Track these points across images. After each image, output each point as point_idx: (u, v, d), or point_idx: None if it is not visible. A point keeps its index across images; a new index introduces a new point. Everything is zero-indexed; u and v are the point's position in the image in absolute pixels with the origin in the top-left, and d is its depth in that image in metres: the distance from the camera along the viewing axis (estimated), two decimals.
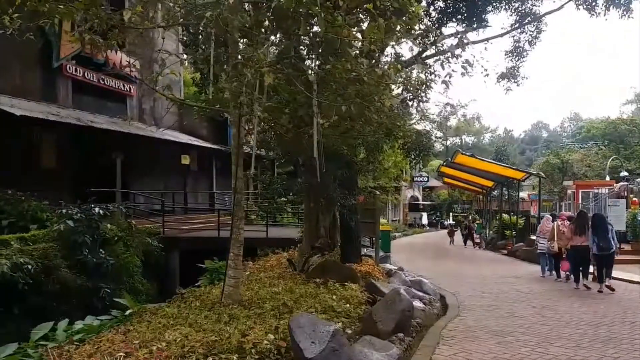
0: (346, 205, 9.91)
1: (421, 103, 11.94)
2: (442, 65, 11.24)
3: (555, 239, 11.97)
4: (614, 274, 11.93)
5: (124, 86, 17.93)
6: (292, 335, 4.26)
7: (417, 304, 7.74)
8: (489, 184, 25.26)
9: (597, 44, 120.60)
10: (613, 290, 10.20)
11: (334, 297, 6.87)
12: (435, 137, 74.86)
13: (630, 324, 7.20)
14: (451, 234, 28.93)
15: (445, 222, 49.01)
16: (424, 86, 11.33)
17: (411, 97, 11.50)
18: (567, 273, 11.78)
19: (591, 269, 11.17)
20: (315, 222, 13.22)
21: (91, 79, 16.44)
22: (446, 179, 33.70)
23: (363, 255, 12.81)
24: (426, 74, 11.89)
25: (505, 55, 16.10)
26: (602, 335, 6.54)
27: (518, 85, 16.43)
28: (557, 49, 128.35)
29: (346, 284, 7.89)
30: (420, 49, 13.31)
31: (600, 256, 10.49)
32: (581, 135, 52.42)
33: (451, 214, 52.61)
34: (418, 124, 14.25)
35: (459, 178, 28.24)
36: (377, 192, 12.96)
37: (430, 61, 13.68)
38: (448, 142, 76.37)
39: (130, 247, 11.19)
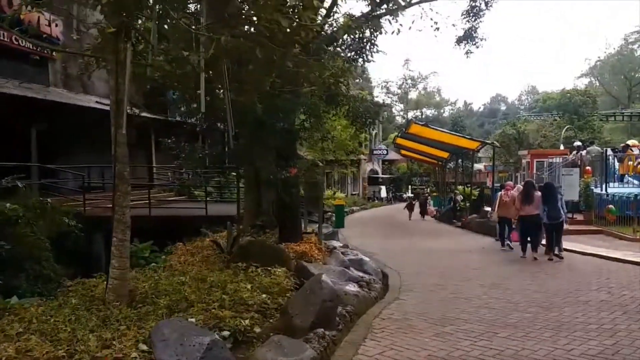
0: (277, 177, 8.82)
1: (366, 62, 11.03)
2: (389, 21, 10.21)
3: (496, 209, 12.41)
4: (567, 245, 11.52)
5: (43, 48, 16.01)
6: (154, 350, 3.20)
7: (350, 288, 6.82)
8: (445, 155, 24.69)
9: (554, 16, 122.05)
10: (561, 258, 10.26)
11: (250, 285, 5.85)
12: (396, 110, 74.49)
13: (584, 304, 6.51)
14: (410, 208, 28.19)
15: (404, 195, 48.91)
16: (369, 43, 10.38)
17: (354, 55, 10.52)
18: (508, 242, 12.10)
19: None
20: (256, 197, 12.15)
21: (2, 38, 14.51)
22: (403, 151, 33.07)
23: (307, 233, 11.87)
24: (371, 31, 10.95)
25: (462, 16, 15.21)
26: (553, 320, 5.79)
27: (477, 47, 15.62)
28: (515, 21, 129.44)
29: (272, 267, 6.91)
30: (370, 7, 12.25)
31: (550, 225, 10.43)
32: (537, 107, 52.92)
33: (410, 186, 52.51)
34: (364, 89, 13.23)
35: (415, 150, 27.59)
36: (320, 163, 11.84)
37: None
38: (409, 115, 76.10)
39: (35, 228, 9.76)
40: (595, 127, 35.95)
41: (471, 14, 14.69)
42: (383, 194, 48.38)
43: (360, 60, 10.40)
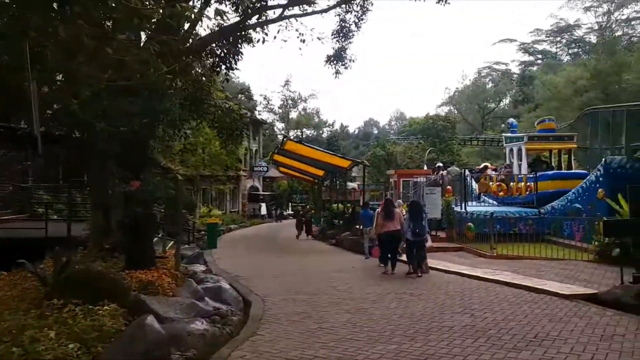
0: (119, 192, 7.50)
1: (230, 70, 10.18)
2: (256, 29, 9.49)
3: (374, 225, 12.32)
4: (432, 262, 11.68)
5: None
6: None
7: (197, 325, 5.77)
8: (320, 173, 24.68)
9: (422, 45, 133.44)
10: (427, 272, 10.71)
11: (57, 331, 4.54)
12: (277, 128, 74.38)
13: (448, 330, 6.21)
14: (300, 226, 26.34)
15: (285, 213, 48.59)
16: (231, 53, 9.55)
17: (217, 61, 9.61)
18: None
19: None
20: (103, 215, 10.52)
21: None
22: (282, 168, 32.68)
23: (161, 257, 10.53)
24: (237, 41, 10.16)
25: (333, 35, 15.14)
26: (417, 353, 5.34)
27: (346, 67, 15.67)
28: (388, 48, 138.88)
29: (100, 304, 5.62)
30: (241, 17, 11.47)
31: (413, 242, 10.65)
32: (405, 132, 56.50)
33: (290, 204, 52.39)
34: (230, 99, 12.36)
35: (292, 167, 27.31)
36: (179, 176, 10.60)
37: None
38: (291, 134, 76.68)
39: None
40: (455, 150, 39.11)
41: (341, 34, 14.69)
42: (263, 211, 47.51)
43: (223, 67, 9.52)
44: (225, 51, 9.05)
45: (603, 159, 13.45)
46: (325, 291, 9.29)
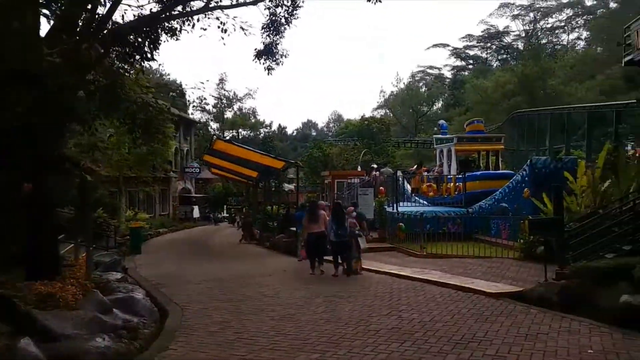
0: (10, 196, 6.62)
1: (146, 61, 9.44)
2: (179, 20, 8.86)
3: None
4: (365, 263, 11.54)
5: None
6: None
7: (97, 343, 5.13)
8: (254, 174, 24.06)
9: (359, 48, 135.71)
10: (360, 273, 10.67)
11: None
12: (212, 129, 72.57)
13: (375, 334, 5.94)
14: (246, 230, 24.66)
15: (219, 216, 47.33)
16: (148, 41, 8.84)
17: (131, 50, 8.86)
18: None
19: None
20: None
21: None
22: (214, 170, 31.68)
23: (68, 265, 9.56)
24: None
25: (262, 29, 14.59)
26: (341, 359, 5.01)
27: (278, 64, 15.12)
28: (326, 50, 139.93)
29: None
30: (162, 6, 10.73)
31: (337, 243, 10.77)
32: (343, 134, 56.93)
33: (225, 206, 51.08)
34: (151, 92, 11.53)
35: (225, 168, 26.50)
36: (88, 177, 9.68)
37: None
38: (226, 135, 75.07)
39: None
40: (389, 152, 39.75)
41: (272, 28, 14.18)
42: (196, 214, 46.00)
43: (138, 57, 8.76)
44: (140, 40, 8.33)
45: (529, 160, 13.89)
46: (252, 297, 8.81)
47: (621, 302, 6.13)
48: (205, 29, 10.45)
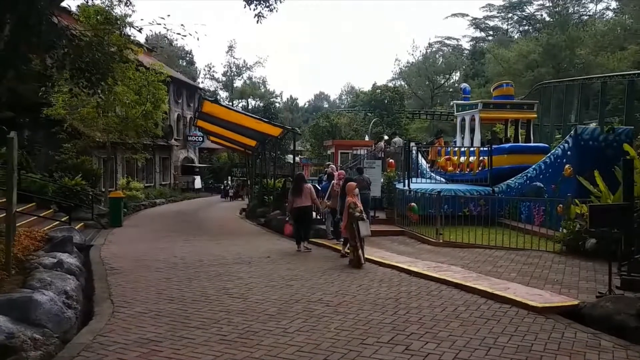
0: None
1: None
2: None
3: (325, 199, 11.72)
4: (368, 251, 9.38)
5: None
6: None
7: None
8: (252, 143, 21.73)
9: (373, 18, 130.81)
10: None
11: None
12: (221, 97, 70.26)
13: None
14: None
15: (228, 188, 45.33)
16: None
17: None
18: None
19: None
20: None
21: None
22: (212, 138, 29.42)
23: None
24: None
25: None
26: None
27: (271, 10, 12.75)
28: (338, 22, 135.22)
29: None
30: None
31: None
32: (356, 106, 54.10)
33: (230, 177, 48.97)
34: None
35: (222, 136, 24.20)
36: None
37: None
38: (236, 105, 72.55)
39: None
40: (402, 124, 37.05)
41: None
42: (198, 184, 44.06)
43: None
44: None
45: (573, 129, 11.36)
46: (212, 296, 6.64)
47: None
48: None
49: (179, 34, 13.77)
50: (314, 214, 12.76)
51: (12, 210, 6.83)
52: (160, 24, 10.86)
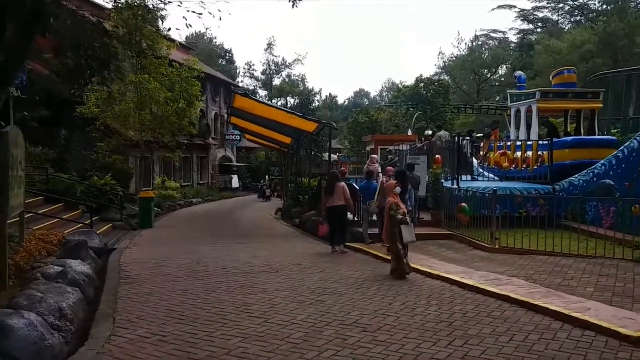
0: None
1: None
2: None
3: (376, 197, 10.41)
4: (413, 259, 8.19)
5: None
6: None
7: None
8: (287, 140, 20.82)
9: (417, 11, 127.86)
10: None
11: None
12: (260, 96, 70.18)
13: None
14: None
15: (266, 188, 44.86)
16: None
17: None
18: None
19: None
20: None
21: None
22: (247, 135, 28.76)
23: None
24: None
25: None
26: None
27: None
28: (377, 18, 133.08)
29: None
30: None
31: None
32: (397, 102, 52.45)
33: (268, 176, 48.47)
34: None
35: (256, 133, 23.45)
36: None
37: None
38: (276, 103, 72.34)
39: None
40: (447, 119, 35.30)
41: None
42: (235, 183, 43.76)
43: None
44: None
45: None
46: (228, 315, 5.67)
47: None
48: None
49: (200, 14, 12.85)
50: (350, 215, 11.73)
51: (7, 214, 6.06)
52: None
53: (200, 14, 13.03)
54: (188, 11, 13.50)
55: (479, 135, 18.97)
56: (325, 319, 5.43)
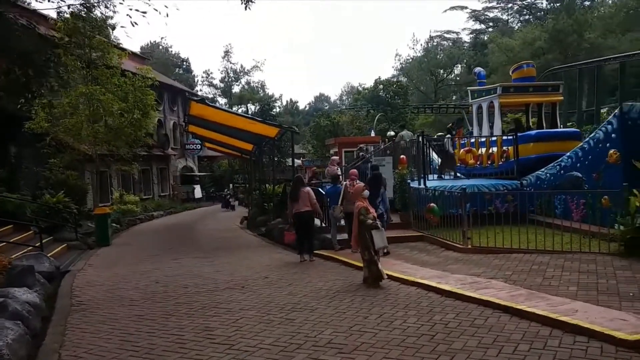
0: None
1: None
2: None
3: (339, 203, 9.97)
4: (386, 263, 7.76)
5: None
6: None
7: None
8: (249, 146, 20.17)
9: (370, 15, 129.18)
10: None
11: None
12: (220, 104, 69.06)
13: None
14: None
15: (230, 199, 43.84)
16: None
17: None
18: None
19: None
20: None
21: None
22: (207, 144, 27.90)
23: None
24: None
25: None
26: None
27: None
28: (336, 23, 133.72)
29: None
30: None
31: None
32: (357, 105, 52.44)
33: (232, 185, 47.40)
34: None
35: (216, 141, 22.66)
36: None
37: None
38: (237, 110, 71.13)
39: None
40: (408, 120, 35.41)
41: None
42: (198, 194, 42.58)
43: None
44: None
45: (617, 109, 9.70)
46: (188, 343, 5.07)
47: None
48: None
49: (145, 12, 12.12)
50: (317, 221, 11.27)
51: None
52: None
53: (145, 12, 12.38)
54: (131, 9, 12.77)
55: (440, 134, 18.87)
56: (296, 341, 4.90)
